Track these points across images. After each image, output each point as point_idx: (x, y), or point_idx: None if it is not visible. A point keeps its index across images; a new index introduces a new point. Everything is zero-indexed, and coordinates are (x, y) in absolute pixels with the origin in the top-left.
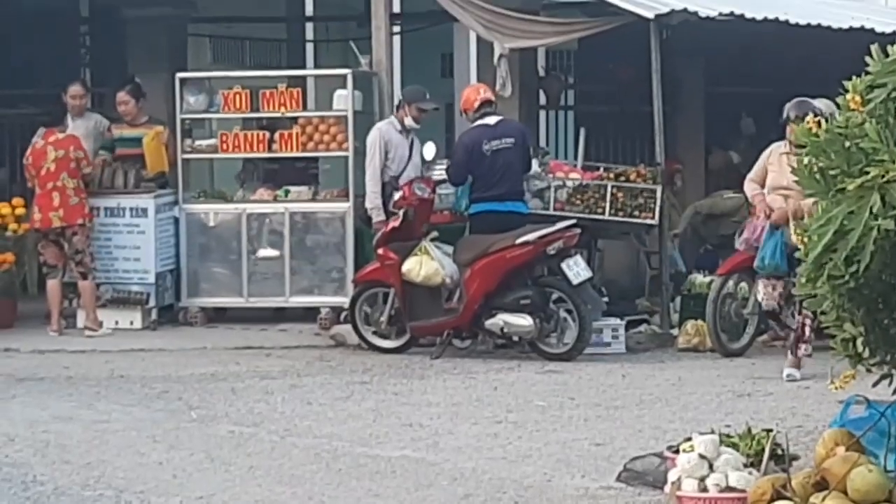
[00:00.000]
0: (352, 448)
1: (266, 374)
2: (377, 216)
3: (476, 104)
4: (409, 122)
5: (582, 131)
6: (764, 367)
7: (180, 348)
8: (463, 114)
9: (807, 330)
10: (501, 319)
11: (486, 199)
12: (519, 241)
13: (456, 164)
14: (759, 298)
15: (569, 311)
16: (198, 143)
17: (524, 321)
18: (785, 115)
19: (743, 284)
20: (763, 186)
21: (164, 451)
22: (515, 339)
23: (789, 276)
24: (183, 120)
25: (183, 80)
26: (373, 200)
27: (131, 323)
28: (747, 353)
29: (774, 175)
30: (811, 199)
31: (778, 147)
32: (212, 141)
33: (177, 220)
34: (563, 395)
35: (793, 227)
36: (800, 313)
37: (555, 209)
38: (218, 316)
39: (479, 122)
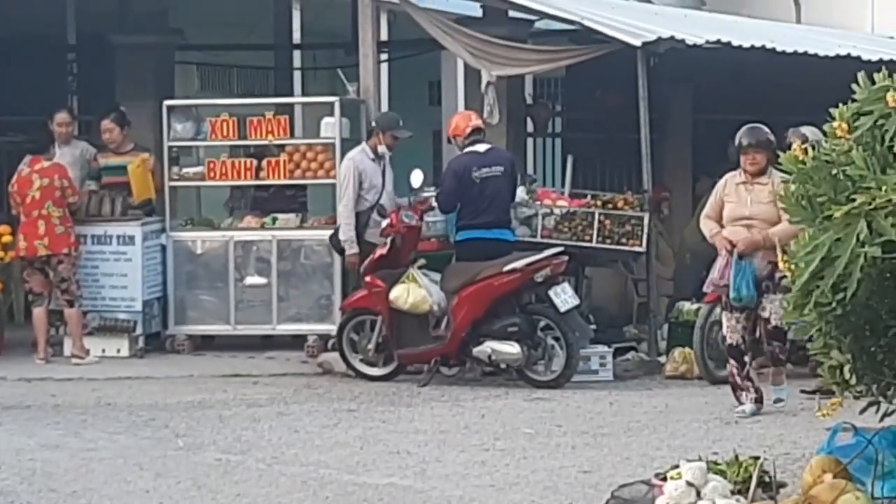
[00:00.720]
0: (339, 476)
1: (253, 401)
2: (350, 248)
3: (467, 131)
4: (382, 149)
5: (569, 159)
6: None
7: (167, 376)
8: (451, 140)
9: (781, 356)
10: (489, 347)
11: (474, 227)
12: (506, 268)
13: (446, 191)
14: (724, 332)
15: (556, 339)
16: (185, 170)
17: (512, 349)
18: (737, 143)
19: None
20: (720, 221)
21: (151, 479)
22: (503, 366)
23: (756, 308)
24: (170, 147)
25: (170, 108)
26: (346, 232)
27: (118, 351)
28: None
29: (733, 206)
30: (777, 228)
31: (732, 177)
32: (199, 168)
33: (164, 248)
34: (550, 422)
35: (780, 253)
36: (769, 345)
37: (542, 236)
38: (205, 343)
39: (469, 149)
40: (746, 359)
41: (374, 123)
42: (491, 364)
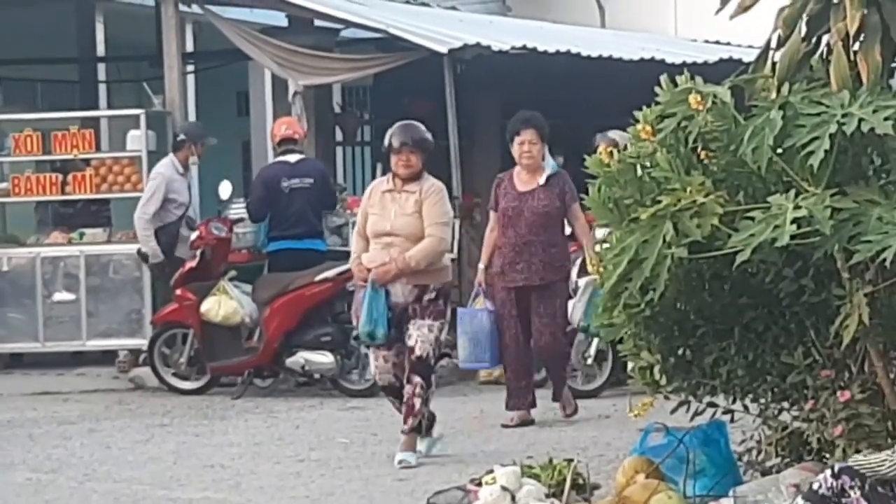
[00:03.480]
0: (152, 491)
1: (64, 419)
2: (155, 258)
3: (276, 140)
4: (194, 160)
5: (379, 167)
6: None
7: None
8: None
9: (416, 402)
10: (302, 357)
11: (285, 238)
12: (318, 278)
13: (255, 199)
14: (372, 372)
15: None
16: None
17: (325, 358)
18: (387, 143)
19: None
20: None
21: None
22: (317, 376)
23: (402, 343)
24: None
25: None
26: (146, 242)
27: None
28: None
29: (376, 219)
30: (415, 249)
31: (379, 184)
32: (3, 185)
33: None
34: (365, 431)
35: (589, 256)
36: (409, 381)
37: None
38: (14, 361)
39: (280, 158)
40: (406, 390)
41: (182, 136)
42: (304, 374)
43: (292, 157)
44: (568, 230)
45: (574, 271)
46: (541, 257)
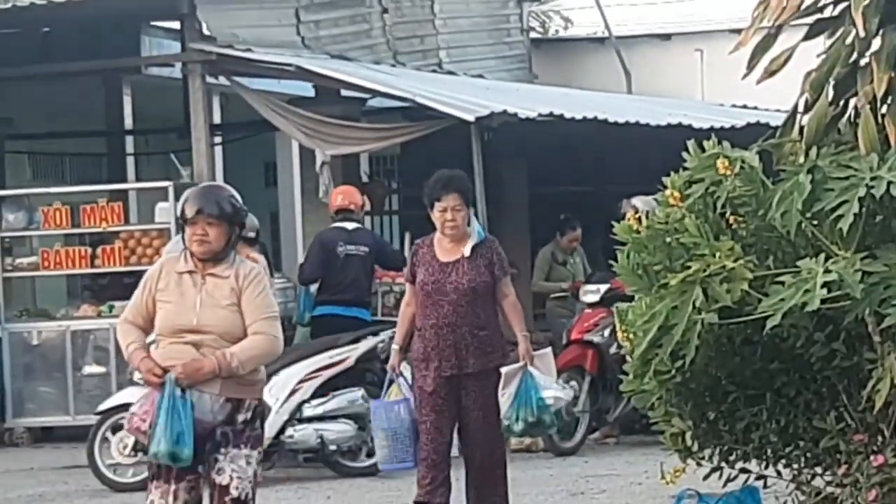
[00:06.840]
0: None
1: (96, 492)
2: None
3: (333, 209)
4: None
5: (407, 235)
6: (597, 464)
7: (6, 470)
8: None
9: None
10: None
11: (333, 303)
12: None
13: (311, 260)
14: None
15: None
16: (18, 261)
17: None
18: (180, 212)
19: (573, 382)
20: (150, 329)
21: None
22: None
23: (196, 474)
24: (2, 238)
25: (1, 198)
26: None
27: None
28: (580, 452)
29: (173, 309)
30: (246, 345)
31: (171, 262)
32: (33, 259)
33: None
34: (397, 500)
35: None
36: None
37: (383, 314)
38: (45, 435)
39: (338, 224)
40: None
41: None
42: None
43: (349, 225)
44: None
45: None
46: (469, 342)
